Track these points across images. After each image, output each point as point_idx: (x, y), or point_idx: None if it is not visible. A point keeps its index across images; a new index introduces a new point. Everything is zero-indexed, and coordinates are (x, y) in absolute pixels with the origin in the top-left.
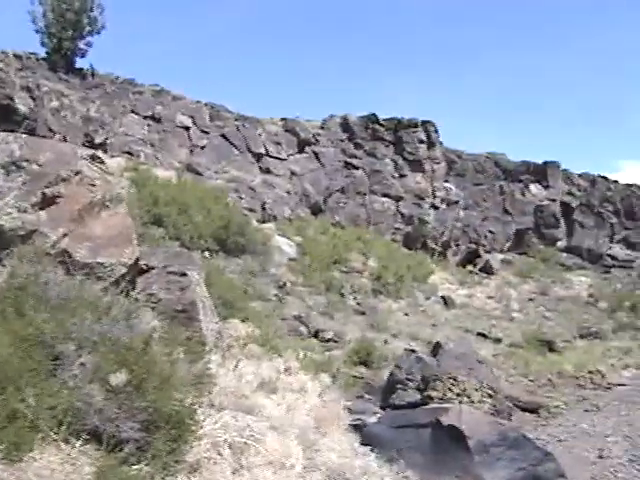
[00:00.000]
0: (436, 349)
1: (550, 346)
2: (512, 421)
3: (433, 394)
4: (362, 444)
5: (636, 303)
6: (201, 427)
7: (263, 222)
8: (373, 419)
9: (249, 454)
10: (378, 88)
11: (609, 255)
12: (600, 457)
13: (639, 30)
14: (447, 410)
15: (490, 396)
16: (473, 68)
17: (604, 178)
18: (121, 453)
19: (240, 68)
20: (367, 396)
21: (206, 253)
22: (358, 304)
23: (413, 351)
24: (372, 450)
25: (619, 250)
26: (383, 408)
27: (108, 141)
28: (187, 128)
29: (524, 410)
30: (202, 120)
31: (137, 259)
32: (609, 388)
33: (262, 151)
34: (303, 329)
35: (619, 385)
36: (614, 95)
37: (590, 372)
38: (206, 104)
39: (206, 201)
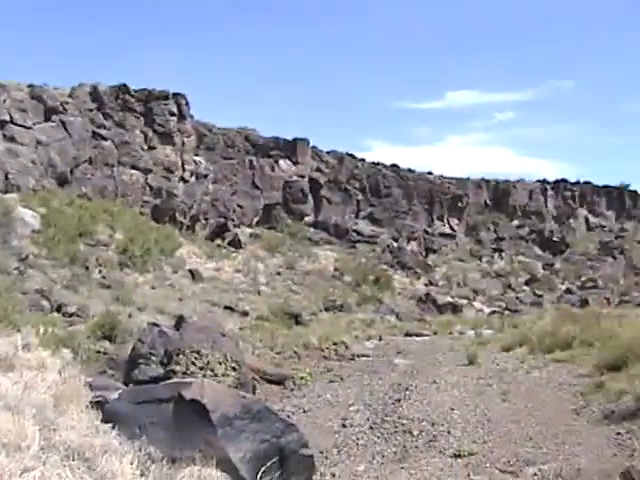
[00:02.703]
0: (179, 322)
1: (296, 319)
2: (257, 394)
3: (176, 368)
4: (103, 421)
5: (379, 277)
6: None
7: (5, 192)
8: (115, 395)
9: None
10: (133, 59)
11: (355, 230)
12: (343, 426)
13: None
14: (189, 384)
15: (234, 369)
16: (227, 44)
17: (352, 156)
18: None
19: None
20: (110, 371)
21: None
22: (104, 277)
23: (156, 325)
24: (113, 427)
25: (364, 226)
26: (126, 384)
27: None
28: None
29: (270, 382)
30: None
31: None
32: (353, 359)
33: (6, 118)
34: (45, 303)
35: (362, 356)
36: (362, 78)
37: (335, 344)
38: None
39: None
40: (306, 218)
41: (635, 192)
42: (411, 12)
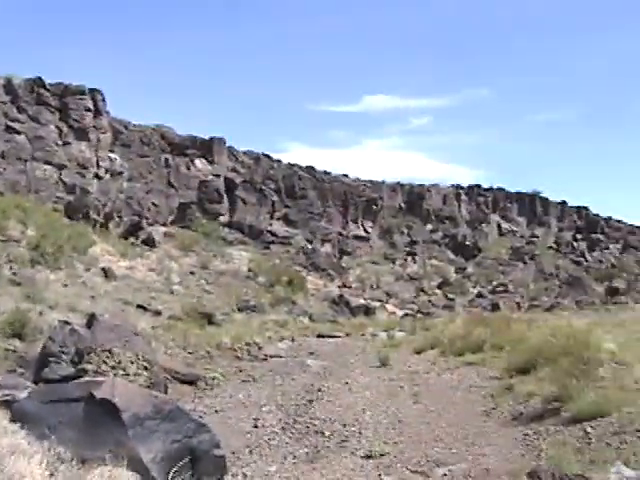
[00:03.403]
0: (91, 321)
1: (209, 319)
2: (169, 393)
3: (88, 367)
4: (12, 421)
5: (293, 278)
6: None
7: None
8: (24, 394)
9: None
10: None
11: (269, 231)
12: (255, 426)
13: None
14: (100, 383)
15: (146, 368)
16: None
17: (268, 157)
18: None
19: None
20: (19, 370)
21: None
22: (14, 274)
23: (67, 323)
24: (22, 427)
25: (279, 227)
26: (36, 382)
27: None
28: None
29: (182, 382)
30: None
31: None
32: (265, 359)
33: None
34: None
35: (275, 357)
36: (281, 80)
37: (247, 344)
38: None
39: None
40: (221, 218)
41: (546, 199)
42: (332, 15)
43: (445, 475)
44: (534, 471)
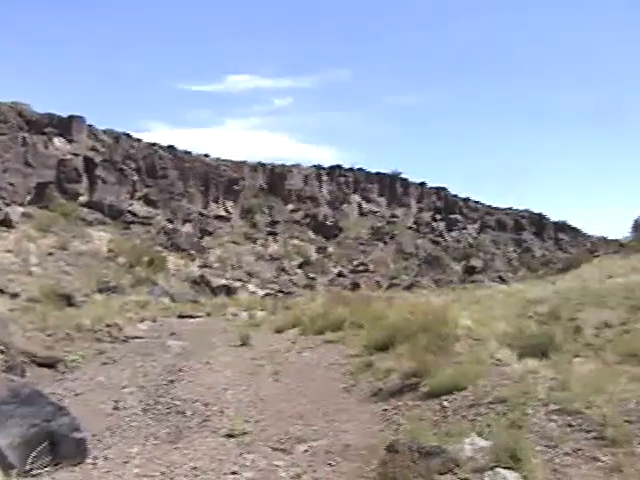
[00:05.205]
0: None
1: (69, 300)
2: (27, 377)
3: None
4: None
5: (154, 259)
6: None
7: None
8: None
9: None
10: None
11: (130, 211)
12: (116, 408)
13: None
14: None
15: (2, 352)
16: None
17: (128, 136)
18: None
19: None
20: None
21: None
22: None
23: None
24: None
25: (140, 207)
26: None
27: None
28: None
29: (41, 365)
30: None
31: None
32: (126, 341)
33: None
34: None
35: (136, 338)
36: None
37: (108, 325)
38: None
39: None
40: (80, 198)
41: (406, 180)
42: None
43: (306, 451)
44: (392, 445)
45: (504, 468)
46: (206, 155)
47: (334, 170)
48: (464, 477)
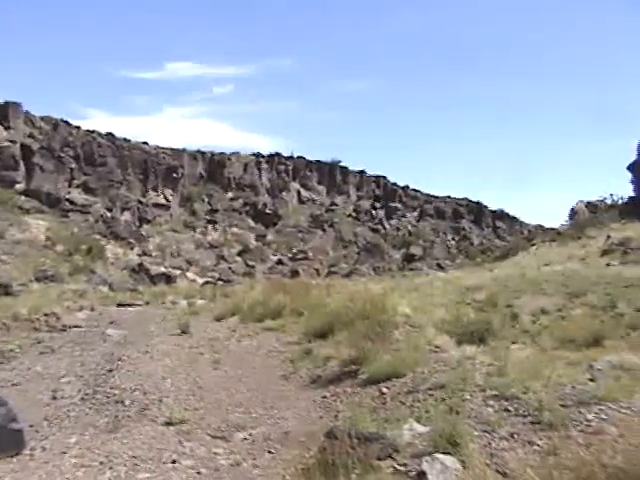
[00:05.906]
0: None
1: (6, 289)
2: None
3: None
4: None
5: (92, 247)
6: None
7: None
8: None
9: None
10: None
11: (68, 199)
12: (54, 398)
13: None
14: None
15: None
16: None
17: (66, 123)
18: None
19: None
20: None
21: None
22: None
23: None
24: None
25: (78, 195)
26: None
27: None
28: None
29: None
30: None
31: None
32: (64, 330)
33: None
34: None
35: (74, 327)
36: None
37: (46, 315)
38: None
39: None
40: (17, 186)
41: (346, 168)
42: None
43: (245, 439)
44: (331, 431)
45: (442, 453)
46: (145, 143)
47: (273, 158)
48: (403, 462)
